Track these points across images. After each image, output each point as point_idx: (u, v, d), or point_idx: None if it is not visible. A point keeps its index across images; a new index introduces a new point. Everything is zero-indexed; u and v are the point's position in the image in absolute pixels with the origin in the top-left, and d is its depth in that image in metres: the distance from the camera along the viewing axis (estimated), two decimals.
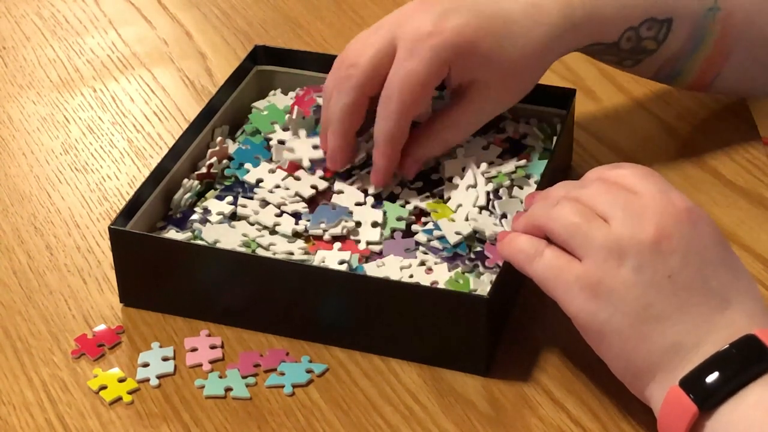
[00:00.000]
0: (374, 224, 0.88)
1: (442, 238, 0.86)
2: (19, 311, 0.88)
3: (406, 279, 0.84)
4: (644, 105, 1.06)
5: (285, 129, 0.96)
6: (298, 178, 0.91)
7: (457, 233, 0.86)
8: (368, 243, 0.87)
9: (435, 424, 0.79)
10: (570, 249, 0.76)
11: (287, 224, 0.88)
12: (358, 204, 0.89)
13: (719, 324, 0.72)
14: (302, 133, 0.94)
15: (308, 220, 0.88)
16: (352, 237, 0.87)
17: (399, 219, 0.88)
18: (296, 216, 0.89)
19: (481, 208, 0.88)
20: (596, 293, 0.74)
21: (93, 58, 1.16)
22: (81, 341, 0.85)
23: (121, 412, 0.80)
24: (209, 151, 0.94)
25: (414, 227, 0.88)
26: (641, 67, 0.96)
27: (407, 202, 0.90)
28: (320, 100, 0.97)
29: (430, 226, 0.88)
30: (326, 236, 0.87)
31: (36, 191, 1.00)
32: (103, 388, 0.82)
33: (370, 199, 0.90)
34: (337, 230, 0.87)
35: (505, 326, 0.85)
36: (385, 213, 0.89)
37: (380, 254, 0.86)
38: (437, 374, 0.82)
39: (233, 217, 0.90)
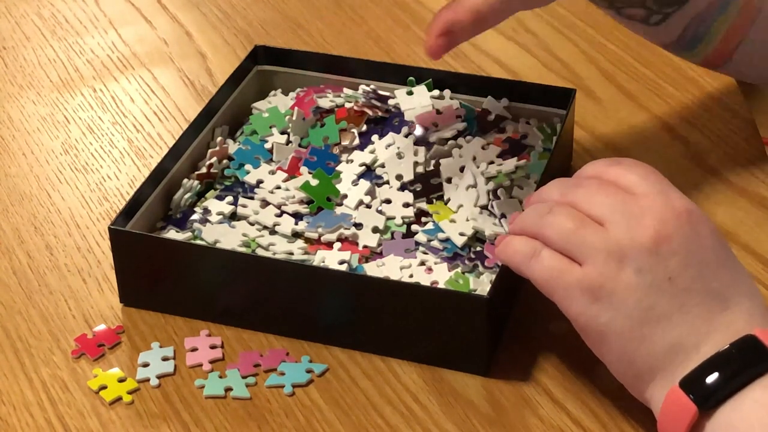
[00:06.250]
0: (375, 229, 0.88)
1: (446, 240, 0.86)
2: (19, 311, 0.88)
3: (406, 279, 0.84)
4: (644, 105, 1.06)
5: (283, 132, 0.96)
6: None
7: (462, 234, 0.86)
8: (364, 246, 0.87)
9: (435, 424, 0.79)
10: (567, 254, 0.76)
11: (287, 224, 0.88)
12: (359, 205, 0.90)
13: (719, 324, 0.72)
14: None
15: (308, 222, 0.88)
16: (350, 240, 0.87)
17: (400, 225, 0.88)
18: (296, 216, 0.89)
19: (482, 208, 0.88)
20: (597, 296, 0.74)
21: (93, 58, 1.16)
22: (81, 341, 0.85)
23: (121, 412, 0.80)
24: (209, 151, 0.94)
25: (414, 227, 0.88)
26: (668, 25, 0.94)
27: (407, 204, 0.90)
28: (321, 102, 0.97)
29: (430, 226, 0.88)
30: (322, 240, 0.87)
31: (36, 191, 1.00)
32: (103, 388, 0.82)
33: (376, 203, 0.90)
34: (332, 236, 0.87)
35: (505, 326, 0.85)
36: (387, 219, 0.89)
37: (380, 254, 0.87)
38: (437, 374, 0.82)
39: (233, 217, 0.90)
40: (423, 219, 0.89)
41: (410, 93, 0.97)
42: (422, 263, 0.85)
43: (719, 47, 0.96)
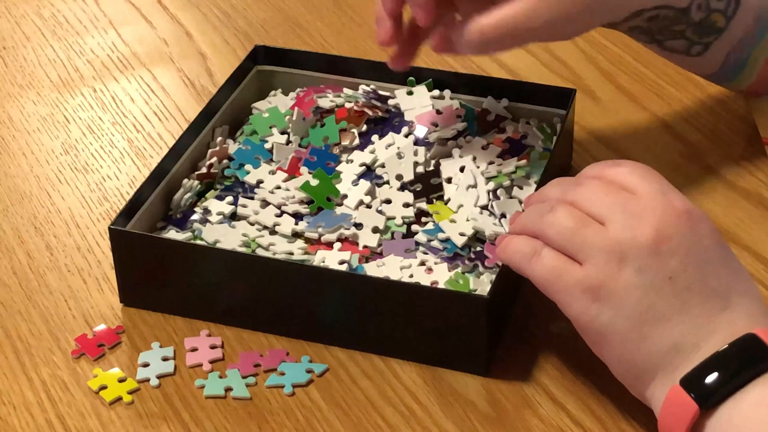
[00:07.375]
0: (375, 229, 0.88)
1: (446, 240, 0.86)
2: (19, 311, 0.88)
3: (406, 279, 0.84)
4: (644, 105, 1.06)
5: (283, 133, 0.96)
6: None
7: (462, 234, 0.86)
8: (364, 246, 0.87)
9: (435, 424, 0.79)
10: (567, 254, 0.76)
11: (287, 224, 0.88)
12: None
13: (719, 324, 0.72)
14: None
15: (308, 222, 0.88)
16: (350, 240, 0.87)
17: (400, 225, 0.88)
18: (296, 216, 0.89)
19: (482, 208, 0.88)
20: (597, 296, 0.74)
21: (93, 58, 1.16)
22: (81, 341, 0.85)
23: (121, 412, 0.80)
24: (209, 151, 0.94)
25: (414, 227, 0.88)
26: (709, 55, 0.94)
27: (407, 204, 0.90)
28: (320, 101, 0.97)
29: (430, 226, 0.88)
30: (322, 240, 0.87)
31: (36, 191, 1.00)
32: (103, 388, 0.82)
33: (376, 203, 0.90)
34: (332, 236, 0.87)
35: (505, 326, 0.85)
36: (387, 219, 0.89)
37: (380, 254, 0.87)
38: (437, 374, 0.82)
39: (233, 217, 0.90)
40: (423, 219, 0.89)
41: (410, 93, 0.97)
42: (422, 263, 0.85)
43: (762, 74, 0.96)
